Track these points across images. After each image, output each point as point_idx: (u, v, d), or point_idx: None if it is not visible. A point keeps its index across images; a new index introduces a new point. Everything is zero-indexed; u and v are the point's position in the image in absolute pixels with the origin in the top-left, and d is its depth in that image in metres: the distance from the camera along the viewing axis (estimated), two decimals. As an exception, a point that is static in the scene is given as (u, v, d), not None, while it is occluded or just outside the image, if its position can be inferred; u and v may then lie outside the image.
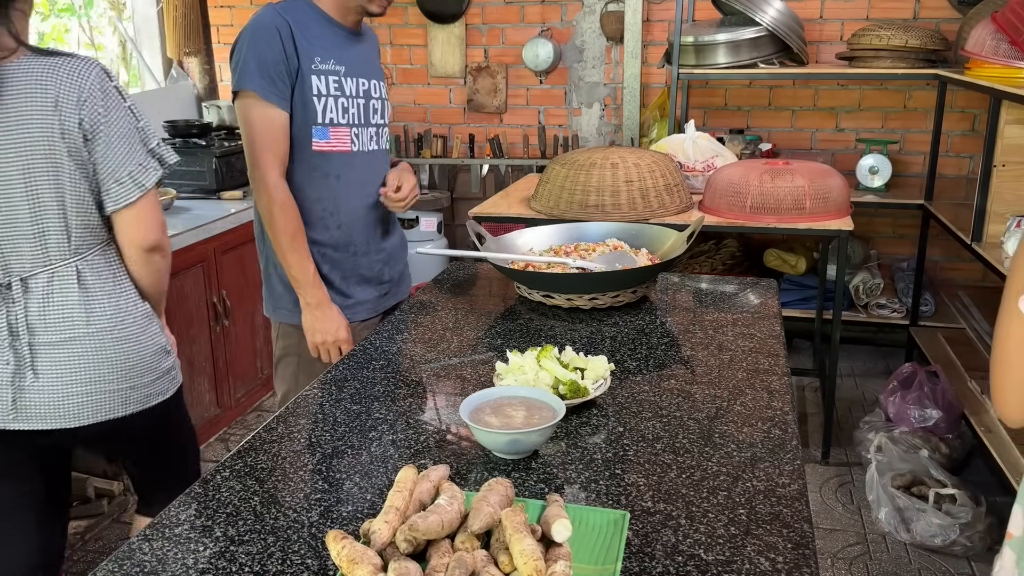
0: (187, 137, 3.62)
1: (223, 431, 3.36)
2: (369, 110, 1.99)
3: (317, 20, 1.90)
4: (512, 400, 1.31)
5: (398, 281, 2.19)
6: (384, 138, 2.06)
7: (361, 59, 1.98)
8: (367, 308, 2.09)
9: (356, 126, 1.95)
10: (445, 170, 4.50)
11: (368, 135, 2.00)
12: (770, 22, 3.43)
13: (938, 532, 2.55)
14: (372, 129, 2.01)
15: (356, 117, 1.95)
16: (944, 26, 3.76)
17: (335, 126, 1.91)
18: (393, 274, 2.16)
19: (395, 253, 2.17)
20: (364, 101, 1.97)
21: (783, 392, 1.47)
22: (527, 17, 4.26)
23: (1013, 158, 2.83)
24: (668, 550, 1.04)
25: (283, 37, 1.82)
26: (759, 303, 1.99)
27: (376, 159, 2.04)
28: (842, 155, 4.04)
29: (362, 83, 1.96)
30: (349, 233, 2.00)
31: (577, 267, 1.91)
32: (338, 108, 1.91)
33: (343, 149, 1.94)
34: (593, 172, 2.77)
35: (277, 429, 1.37)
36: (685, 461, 1.24)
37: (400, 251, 2.20)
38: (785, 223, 2.79)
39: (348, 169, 1.96)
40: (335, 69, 1.89)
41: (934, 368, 3.08)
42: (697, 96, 4.13)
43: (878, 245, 4.13)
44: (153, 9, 4.24)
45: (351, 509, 1.13)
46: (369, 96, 1.99)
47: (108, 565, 1.02)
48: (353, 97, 1.94)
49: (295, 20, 1.85)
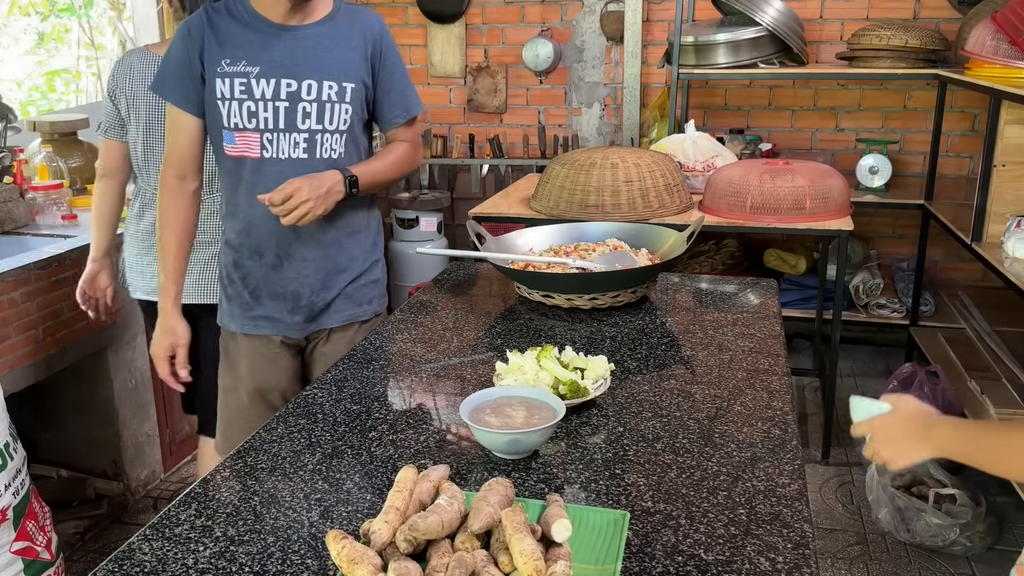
0: (187, 137, 3.62)
1: (223, 431, 3.36)
2: (296, 114, 1.77)
3: (237, 17, 1.79)
4: (512, 400, 1.31)
5: (325, 310, 1.91)
6: (327, 146, 1.81)
7: (290, 58, 1.77)
8: (274, 325, 1.91)
9: (269, 131, 1.77)
10: (445, 170, 4.50)
11: (291, 142, 1.78)
12: (770, 22, 3.43)
13: (938, 532, 2.55)
14: (299, 135, 1.78)
15: (269, 122, 1.77)
16: (944, 26, 3.76)
17: (240, 131, 1.78)
18: (315, 299, 1.89)
19: (324, 278, 1.89)
20: (287, 104, 1.76)
21: (783, 392, 1.47)
22: (527, 17, 4.26)
23: (1013, 158, 2.83)
24: (668, 550, 1.04)
25: (192, 39, 1.77)
26: (759, 303, 1.99)
27: (303, 169, 1.77)
28: (842, 155, 4.04)
29: (286, 84, 1.75)
30: (259, 243, 1.86)
31: (577, 267, 1.91)
32: (243, 112, 1.76)
33: (252, 155, 1.80)
34: (593, 172, 2.77)
35: (277, 429, 1.37)
36: (685, 461, 1.24)
37: (333, 277, 1.90)
38: (785, 223, 2.79)
39: (257, 176, 1.81)
40: (244, 71, 1.75)
41: (934, 368, 3.08)
42: (697, 96, 4.13)
43: (878, 245, 4.13)
44: (153, 9, 4.24)
45: (351, 509, 1.13)
46: (297, 99, 1.76)
47: (108, 565, 1.02)
48: (266, 100, 1.76)
49: (215, 20, 1.78)
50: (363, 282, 1.96)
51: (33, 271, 2.38)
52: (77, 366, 2.67)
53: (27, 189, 2.86)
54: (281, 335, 1.93)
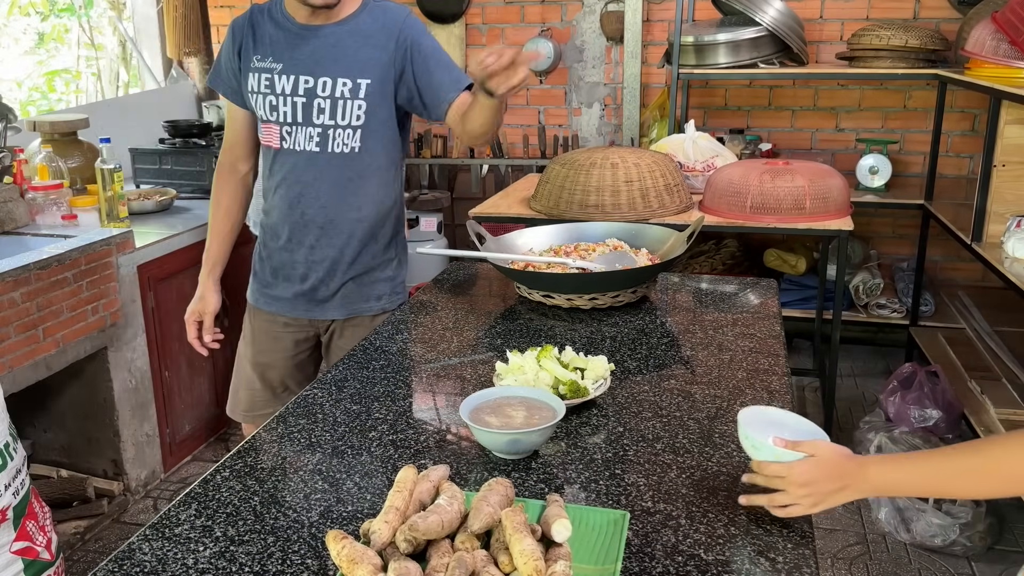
0: (187, 137, 3.63)
1: (223, 431, 3.36)
2: (312, 109, 1.87)
3: (273, 18, 1.92)
4: (512, 400, 1.31)
5: (331, 299, 2.00)
6: (339, 140, 1.90)
7: (311, 56, 1.87)
8: (280, 304, 2.04)
9: (287, 124, 1.89)
10: (445, 170, 4.50)
11: (307, 135, 1.89)
12: (770, 22, 3.43)
13: (938, 532, 2.55)
14: (314, 130, 1.89)
15: (288, 116, 1.89)
16: (944, 26, 3.76)
17: (265, 123, 1.93)
18: (320, 286, 1.99)
19: (330, 267, 1.97)
20: (305, 100, 1.87)
21: (783, 392, 1.47)
22: (527, 17, 4.26)
23: (1013, 158, 2.82)
24: (668, 550, 1.04)
25: (234, 36, 1.94)
26: (759, 303, 1.99)
27: (318, 161, 1.91)
28: (842, 155, 4.04)
29: (304, 81, 1.86)
30: (276, 226, 2.00)
31: (577, 267, 1.91)
32: (266, 105, 1.90)
33: (274, 146, 1.94)
34: (593, 172, 2.77)
35: (277, 429, 1.37)
36: (685, 461, 1.24)
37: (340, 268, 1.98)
38: (785, 223, 2.79)
39: (276, 165, 1.96)
40: (270, 67, 1.89)
41: (934, 368, 3.08)
42: (697, 96, 4.13)
43: (878, 245, 4.13)
44: (153, 9, 4.24)
45: (351, 509, 1.13)
46: (313, 95, 1.87)
47: (108, 565, 1.02)
48: (286, 96, 1.88)
49: (257, 19, 1.93)
50: (372, 278, 2.01)
51: (33, 271, 2.38)
52: (77, 366, 2.67)
53: (27, 189, 2.86)
54: (286, 315, 2.04)
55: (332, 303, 2.00)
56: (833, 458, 1.08)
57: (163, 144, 3.61)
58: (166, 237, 2.94)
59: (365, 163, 1.93)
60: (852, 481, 1.06)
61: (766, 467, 1.09)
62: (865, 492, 1.08)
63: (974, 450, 1.08)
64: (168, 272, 2.95)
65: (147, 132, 3.73)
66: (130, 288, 2.79)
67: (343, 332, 2.03)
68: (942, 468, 1.08)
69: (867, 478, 1.07)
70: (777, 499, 1.07)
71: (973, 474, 1.07)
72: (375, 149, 1.93)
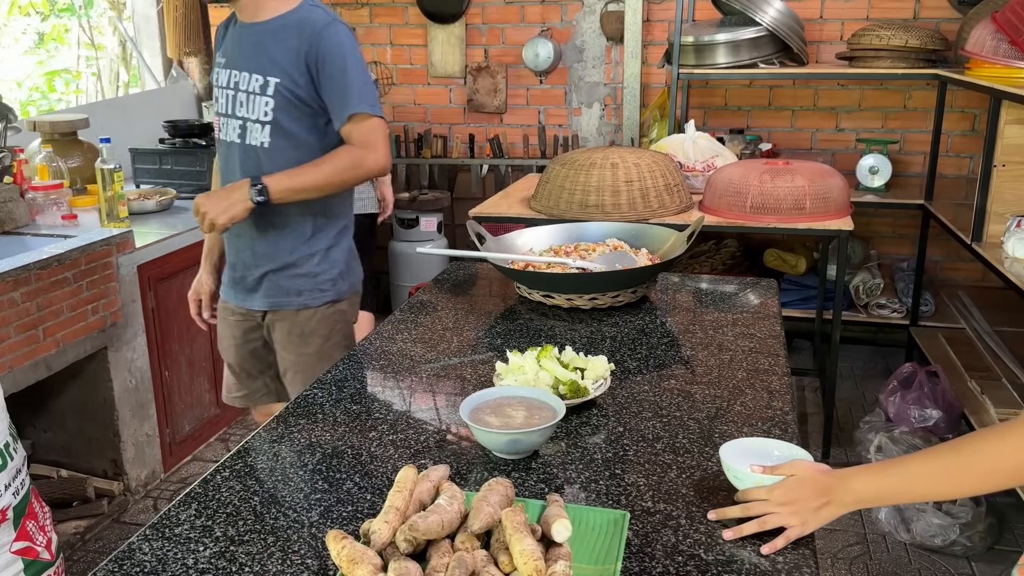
0: (187, 137, 3.63)
1: (223, 431, 3.36)
2: (235, 102, 1.96)
3: (234, 17, 2.04)
4: (512, 400, 1.31)
5: (255, 290, 2.05)
6: (253, 134, 1.94)
7: (245, 52, 1.95)
8: (226, 291, 2.14)
9: (222, 116, 2.00)
10: (445, 170, 4.50)
11: (232, 127, 1.98)
12: (770, 22, 3.43)
13: (938, 532, 2.55)
14: (236, 122, 1.96)
15: (222, 107, 2.00)
16: (944, 26, 3.76)
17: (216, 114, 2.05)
18: (246, 274, 2.04)
19: (252, 258, 2.02)
20: (232, 92, 1.96)
21: (783, 392, 1.47)
22: (527, 17, 4.26)
23: (1013, 158, 2.82)
24: (668, 550, 1.04)
25: (219, 35, 2.09)
26: (759, 303, 1.99)
27: (237, 152, 1.98)
28: (842, 155, 4.04)
29: (233, 75, 1.96)
30: None
31: (577, 267, 1.91)
32: (215, 97, 2.03)
33: (217, 135, 2.06)
34: (593, 172, 2.77)
35: (277, 429, 1.37)
36: (685, 461, 1.24)
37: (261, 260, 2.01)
38: (785, 223, 2.79)
39: (218, 153, 2.09)
40: (219, 61, 2.02)
41: (934, 368, 3.08)
42: (697, 96, 4.13)
43: (878, 245, 4.13)
44: (153, 9, 4.24)
45: (351, 509, 1.13)
46: (237, 88, 1.95)
47: (108, 565, 1.02)
48: (221, 87, 1.99)
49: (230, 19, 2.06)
50: (290, 273, 2.02)
51: (33, 271, 2.38)
52: (77, 366, 2.67)
53: (27, 189, 2.86)
54: (229, 303, 2.14)
55: (258, 293, 2.06)
56: (812, 475, 1.08)
57: (163, 144, 3.61)
58: (166, 237, 2.94)
59: (274, 160, 1.93)
60: (835, 495, 1.06)
61: (749, 493, 1.11)
62: (850, 505, 1.07)
63: (954, 450, 1.07)
64: (168, 272, 2.95)
65: (147, 132, 3.73)
66: (130, 288, 2.79)
67: (274, 325, 2.07)
68: (924, 471, 1.07)
69: (851, 490, 1.07)
70: (767, 521, 1.06)
71: (956, 473, 1.06)
72: (284, 147, 1.93)
